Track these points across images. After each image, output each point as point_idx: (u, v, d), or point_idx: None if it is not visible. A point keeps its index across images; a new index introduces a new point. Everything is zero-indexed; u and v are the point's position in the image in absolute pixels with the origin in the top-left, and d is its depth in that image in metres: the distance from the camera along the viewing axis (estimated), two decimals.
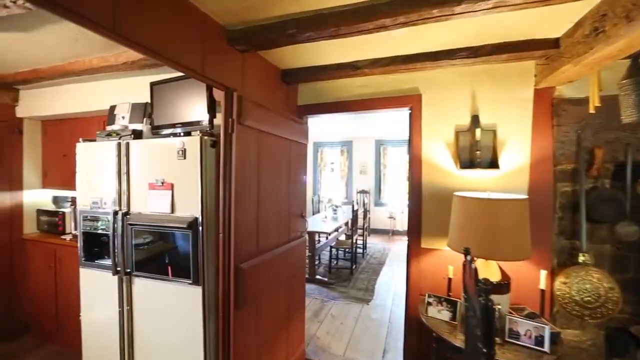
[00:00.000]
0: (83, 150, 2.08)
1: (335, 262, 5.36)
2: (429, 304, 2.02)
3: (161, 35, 1.34)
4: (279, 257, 2.15)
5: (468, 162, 2.21)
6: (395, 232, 7.84)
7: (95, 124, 2.79)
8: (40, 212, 3.16)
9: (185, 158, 1.75)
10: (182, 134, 1.92)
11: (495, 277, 1.83)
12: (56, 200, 3.22)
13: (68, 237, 2.87)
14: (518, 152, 2.13)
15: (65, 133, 3.06)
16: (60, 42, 1.89)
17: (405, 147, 7.88)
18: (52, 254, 2.87)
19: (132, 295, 1.94)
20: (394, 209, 7.84)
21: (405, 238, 2.56)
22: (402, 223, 7.78)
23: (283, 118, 2.21)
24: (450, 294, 2.08)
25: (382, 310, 3.71)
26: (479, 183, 2.20)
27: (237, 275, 1.71)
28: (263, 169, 1.97)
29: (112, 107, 2.21)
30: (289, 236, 2.36)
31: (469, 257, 1.34)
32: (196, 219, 1.73)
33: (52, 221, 3.06)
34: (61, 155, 3.07)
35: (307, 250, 4.11)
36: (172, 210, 1.79)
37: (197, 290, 1.76)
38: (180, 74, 2.00)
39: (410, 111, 2.46)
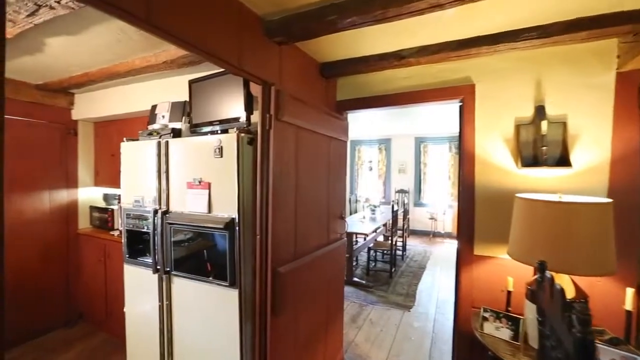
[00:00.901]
0: (126, 150, 2.13)
1: (373, 264, 5.17)
2: (485, 319, 1.79)
3: (196, 26, 1.28)
4: (318, 261, 2.04)
5: (531, 159, 1.94)
6: (436, 234, 7.43)
7: (140, 124, 2.87)
8: (93, 208, 3.34)
9: (222, 156, 1.70)
10: (219, 132, 1.87)
11: (568, 293, 1.57)
12: (106, 197, 3.39)
13: (116, 233, 2.99)
14: (595, 147, 1.82)
15: (113, 134, 3.20)
16: (105, 44, 1.93)
17: (448, 144, 7.45)
18: (102, 248, 3.02)
19: (172, 293, 1.93)
20: (435, 209, 7.44)
21: (448, 241, 2.33)
22: (444, 225, 7.37)
23: (322, 114, 2.10)
24: (509, 309, 1.83)
25: (424, 319, 3.47)
26: (544, 183, 1.92)
27: (274, 280, 1.63)
28: (301, 168, 1.87)
29: (153, 107, 2.24)
30: (328, 238, 2.24)
31: (547, 274, 1.12)
32: (233, 219, 1.67)
33: (102, 217, 3.22)
34: (110, 155, 3.22)
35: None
36: (209, 210, 1.74)
37: (233, 294, 1.70)
38: (218, 70, 1.97)
39: (461, 104, 2.22)
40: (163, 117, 2.12)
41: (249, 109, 1.82)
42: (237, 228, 1.67)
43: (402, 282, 4.51)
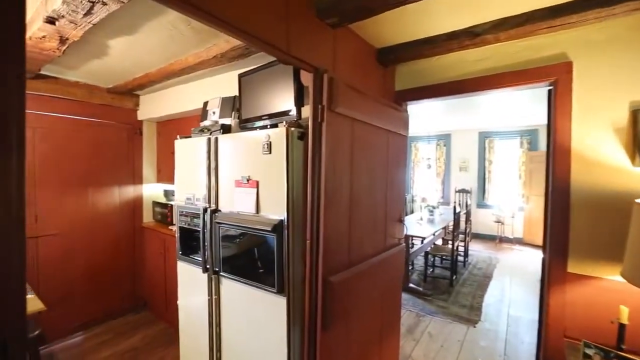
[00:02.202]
0: (179, 147, 2.13)
1: (431, 270, 4.76)
2: (588, 356, 1.42)
3: (239, 6, 1.15)
4: (374, 269, 1.83)
5: None
6: (503, 239, 6.67)
7: (196, 122, 2.93)
8: (155, 203, 3.53)
9: (270, 152, 1.58)
10: (269, 127, 1.75)
11: None
12: (166, 193, 3.55)
13: (174, 229, 3.10)
14: None
15: (172, 132, 3.32)
16: (159, 42, 1.93)
17: (519, 139, 6.62)
18: (162, 242, 3.16)
19: (220, 293, 1.88)
20: (502, 211, 6.67)
21: (519, 248, 1.94)
22: (512, 229, 6.58)
23: (380, 104, 1.87)
24: (623, 346, 1.43)
25: (494, 337, 3.04)
26: None
27: (325, 290, 1.46)
28: (357, 165, 1.67)
29: (205, 103, 2.22)
30: (385, 244, 2.01)
31: None
32: (281, 221, 1.54)
33: (163, 212, 3.38)
34: (170, 153, 3.33)
35: None
36: (257, 210, 1.64)
37: (281, 301, 1.57)
38: (267, 61, 1.86)
39: (550, 87, 1.83)
40: (214, 113, 2.08)
41: (299, 101, 1.67)
42: (285, 231, 1.53)
43: (465, 292, 4.06)
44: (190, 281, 2.09)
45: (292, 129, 1.56)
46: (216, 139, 1.84)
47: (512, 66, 1.89)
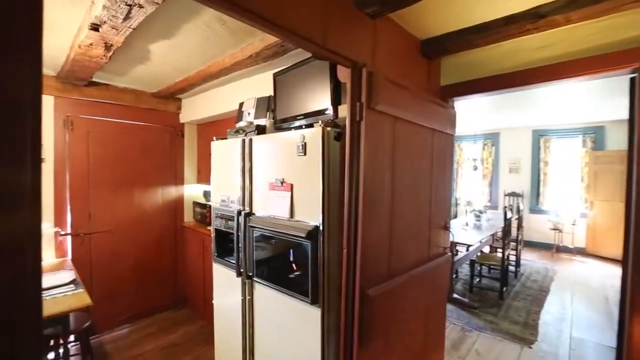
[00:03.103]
0: (216, 148, 2.13)
1: (477, 280, 4.40)
2: None
3: None
4: (417, 281, 1.67)
5: None
6: (562, 249, 6.01)
7: (232, 124, 2.95)
8: (195, 204, 3.62)
9: (305, 154, 1.49)
10: (304, 127, 1.67)
11: None
12: (206, 194, 3.63)
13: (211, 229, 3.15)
14: None
15: (211, 134, 3.37)
16: (196, 44, 1.94)
17: (581, 138, 5.93)
18: (201, 242, 3.22)
19: (253, 298, 1.83)
20: (560, 218, 6.02)
21: (581, 259, 1.66)
22: (573, 238, 5.91)
23: (424, 101, 1.70)
24: None
25: None
26: None
27: (362, 304, 1.34)
28: (398, 167, 1.53)
29: (241, 104, 2.19)
30: (429, 253, 1.83)
31: None
32: (316, 227, 1.44)
33: (202, 213, 3.46)
34: (208, 154, 3.40)
35: None
36: (291, 215, 1.56)
37: (315, 313, 1.47)
38: (302, 58, 1.78)
39: (634, 74, 1.54)
40: (249, 114, 2.05)
41: (336, 99, 1.56)
42: (320, 238, 1.43)
43: (518, 307, 3.68)
44: (225, 284, 2.07)
45: (329, 128, 1.46)
46: (250, 140, 1.79)
47: (584, 52, 1.62)
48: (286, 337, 1.64)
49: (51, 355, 2.23)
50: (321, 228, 1.43)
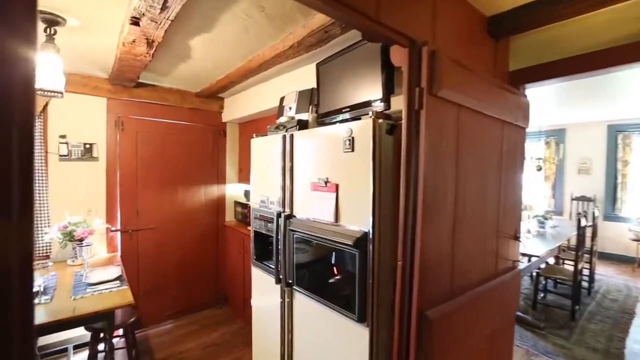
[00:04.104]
0: (255, 146, 2.03)
1: (542, 296, 3.89)
2: None
3: None
4: (482, 300, 1.41)
5: None
6: None
7: (273, 121, 2.86)
8: (237, 203, 3.61)
9: (353, 150, 1.30)
10: (351, 121, 1.49)
11: None
12: (247, 194, 3.60)
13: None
14: None
15: (252, 132, 3.33)
16: (236, 36, 1.84)
17: None
18: (241, 242, 3.18)
19: (293, 308, 1.69)
20: None
21: None
22: None
23: (493, 86, 1.44)
24: None
25: None
26: None
27: (420, 327, 1.12)
28: (463, 165, 1.29)
29: (282, 99, 2.07)
30: (496, 267, 1.55)
31: None
32: (365, 234, 1.25)
33: (243, 212, 3.42)
34: (249, 153, 3.36)
35: None
36: (336, 219, 1.38)
37: (362, 332, 1.28)
38: (348, 44, 1.60)
39: None
40: (290, 108, 1.92)
41: (388, 88, 1.36)
42: (370, 247, 1.24)
43: (595, 331, 3.15)
44: (263, 289, 1.95)
45: (380, 120, 1.26)
46: (291, 135, 1.65)
47: None
48: (329, 355, 1.47)
49: (101, 346, 2.30)
50: (371, 235, 1.24)
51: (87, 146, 2.78)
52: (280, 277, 1.72)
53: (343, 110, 1.54)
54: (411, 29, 1.14)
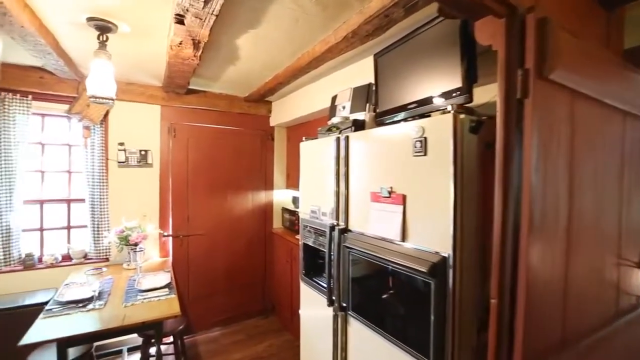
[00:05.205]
0: (305, 150, 1.86)
1: None
2: None
3: None
4: (602, 350, 1.06)
5: None
6: None
7: (324, 124, 2.69)
8: (284, 210, 3.49)
9: (425, 153, 1.06)
10: (418, 118, 1.24)
11: None
12: (294, 200, 3.47)
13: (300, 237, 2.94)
14: None
15: (300, 136, 3.19)
16: (285, 31, 1.70)
17: None
18: (289, 251, 3.04)
19: (347, 337, 1.47)
20: None
21: None
22: None
23: (615, 66, 1.09)
24: None
25: None
26: None
27: None
28: (578, 173, 0.97)
29: (333, 98, 1.88)
30: (618, 304, 1.18)
31: None
32: (444, 259, 0.99)
33: (291, 220, 3.29)
34: (298, 158, 3.23)
35: None
36: (403, 238, 1.14)
37: None
38: (408, 32, 1.35)
39: None
40: (343, 107, 1.71)
41: (469, 75, 1.09)
42: (451, 276, 0.98)
43: None
44: (313, 310, 1.76)
45: (462, 116, 1.00)
46: (347, 138, 1.44)
47: None
48: None
49: (153, 350, 2.29)
50: (451, 261, 0.97)
51: (143, 153, 2.85)
52: (333, 298, 1.51)
53: (409, 107, 1.29)
54: None
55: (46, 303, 1.94)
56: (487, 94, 1.33)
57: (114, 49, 1.82)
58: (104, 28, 1.58)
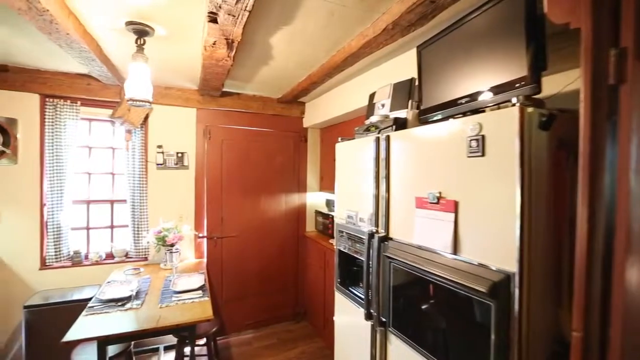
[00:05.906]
0: (340, 151, 1.75)
1: None
2: None
3: None
4: None
5: None
6: None
7: (360, 124, 2.58)
8: (318, 213, 3.41)
9: (482, 154, 0.91)
10: (470, 114, 1.09)
11: None
12: (328, 203, 3.38)
13: (334, 242, 2.84)
14: None
15: (335, 137, 3.10)
16: (319, 26, 1.62)
17: None
18: (322, 255, 2.95)
19: (387, 355, 1.34)
20: None
21: None
22: None
23: None
24: None
25: None
26: None
27: None
28: None
29: (371, 95, 1.76)
30: None
31: None
32: (507, 278, 0.84)
33: (325, 223, 3.21)
34: (332, 160, 3.14)
35: None
36: (455, 250, 1.00)
37: None
38: (459, 17, 1.20)
39: None
40: (382, 105, 1.59)
41: (537, 62, 0.92)
42: (516, 297, 0.82)
43: None
44: (350, 321, 1.65)
45: (530, 109, 0.84)
46: (387, 137, 1.32)
47: None
48: None
49: (187, 350, 2.31)
50: (517, 280, 0.82)
51: (179, 155, 2.91)
52: (372, 312, 1.39)
53: (459, 102, 1.15)
54: None
55: (90, 299, 2.01)
56: (555, 84, 1.15)
57: (151, 53, 1.85)
58: (141, 32, 1.59)
